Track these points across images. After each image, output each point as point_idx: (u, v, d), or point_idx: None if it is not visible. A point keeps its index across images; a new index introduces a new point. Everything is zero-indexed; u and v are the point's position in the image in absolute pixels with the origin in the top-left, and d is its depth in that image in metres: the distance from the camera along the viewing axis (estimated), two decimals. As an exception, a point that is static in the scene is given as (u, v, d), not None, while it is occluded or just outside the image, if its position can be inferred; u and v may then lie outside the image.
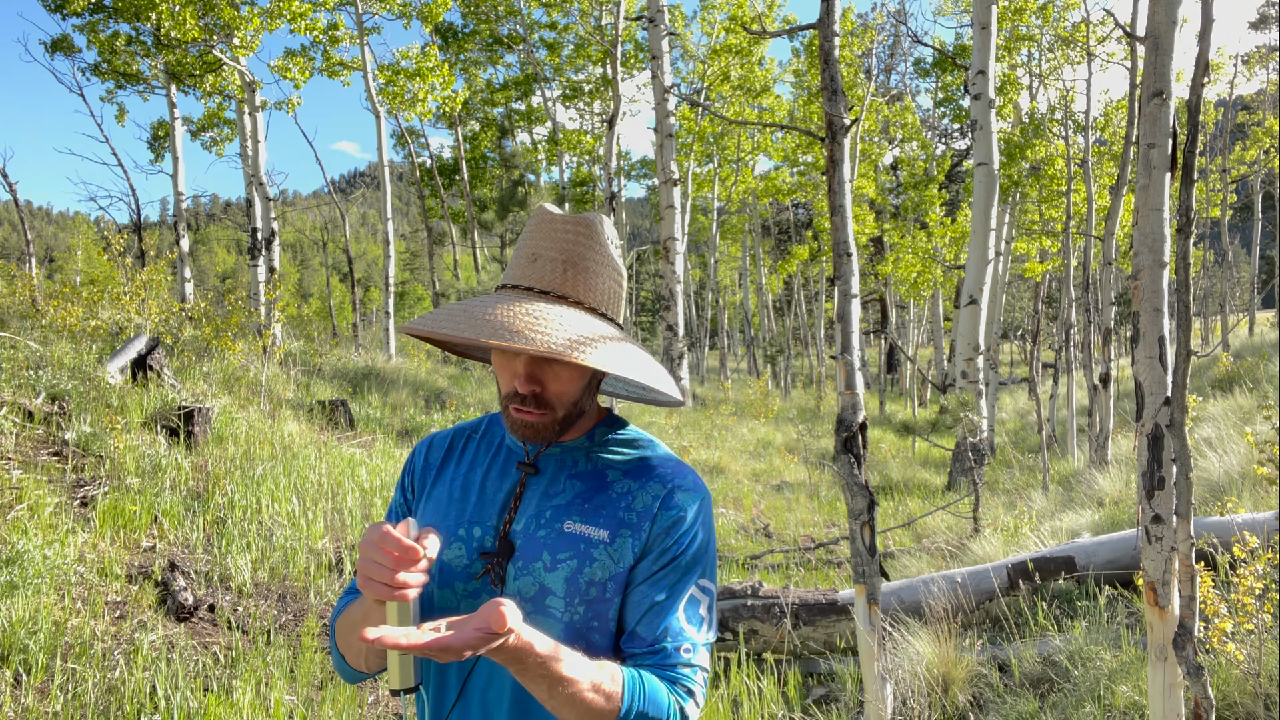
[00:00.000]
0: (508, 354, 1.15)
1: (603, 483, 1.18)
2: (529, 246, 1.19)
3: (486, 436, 1.29)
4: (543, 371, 1.14)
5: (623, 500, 1.16)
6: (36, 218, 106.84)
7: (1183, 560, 2.03)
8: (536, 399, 1.14)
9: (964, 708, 3.39)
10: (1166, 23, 2.13)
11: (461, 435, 1.30)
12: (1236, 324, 11.49)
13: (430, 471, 1.27)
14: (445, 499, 1.21)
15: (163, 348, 7.14)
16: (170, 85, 14.48)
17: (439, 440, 1.30)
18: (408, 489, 1.28)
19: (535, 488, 1.18)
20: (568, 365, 1.14)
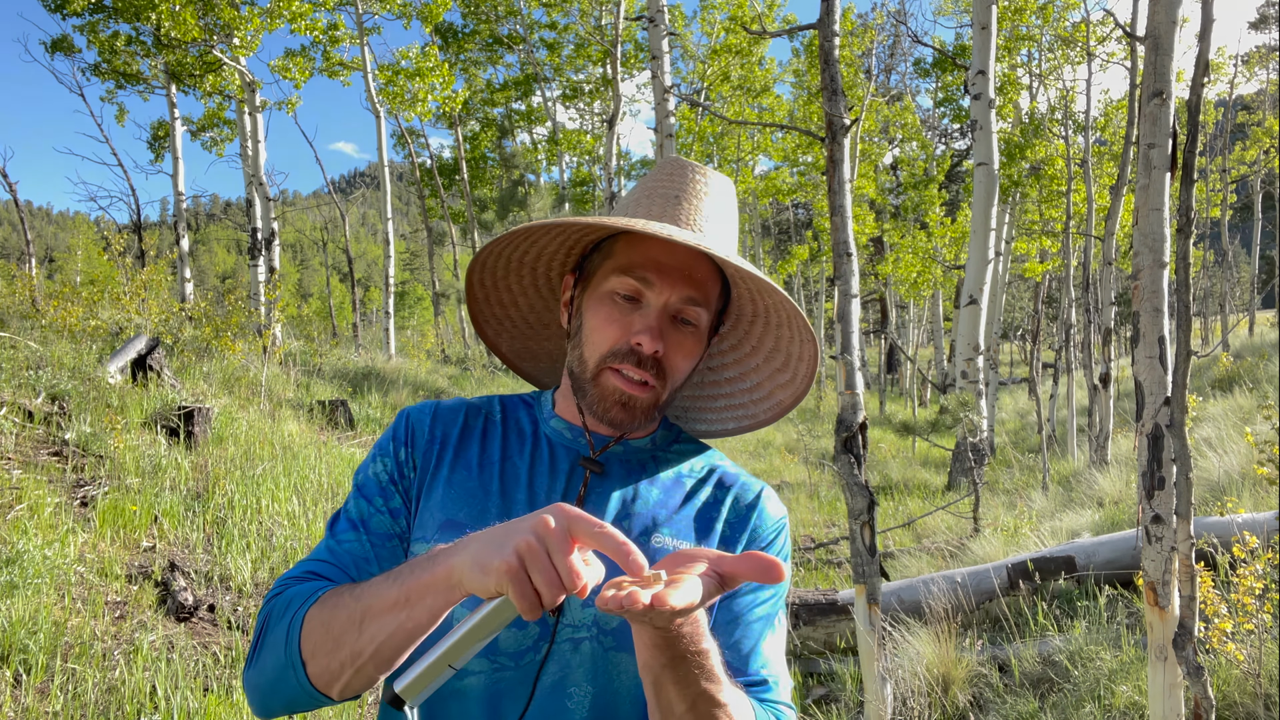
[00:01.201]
0: (634, 296, 0.96)
1: (683, 490, 1.02)
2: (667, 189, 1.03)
3: (509, 421, 1.05)
4: (674, 329, 0.97)
5: (711, 510, 1.01)
6: (36, 218, 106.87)
7: (1183, 560, 2.03)
8: (657, 364, 0.96)
9: (964, 708, 3.39)
10: (1166, 23, 2.13)
11: (475, 413, 1.05)
12: (1236, 324, 11.50)
13: (438, 447, 1.00)
14: (477, 489, 0.97)
15: (163, 348, 7.14)
16: (170, 85, 14.47)
17: (445, 412, 1.04)
18: (404, 462, 0.99)
19: (600, 491, 0.99)
20: (694, 334, 0.99)
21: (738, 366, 1.16)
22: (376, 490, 0.98)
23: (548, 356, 1.24)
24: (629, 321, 0.96)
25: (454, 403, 1.07)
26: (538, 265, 1.11)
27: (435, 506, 0.96)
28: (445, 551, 0.74)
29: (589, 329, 0.98)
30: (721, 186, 1.04)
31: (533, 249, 1.07)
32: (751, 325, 1.12)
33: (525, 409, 1.08)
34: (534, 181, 26.47)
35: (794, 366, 1.10)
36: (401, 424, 1.03)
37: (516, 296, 1.15)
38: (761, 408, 1.15)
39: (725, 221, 1.04)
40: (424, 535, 0.94)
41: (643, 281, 0.95)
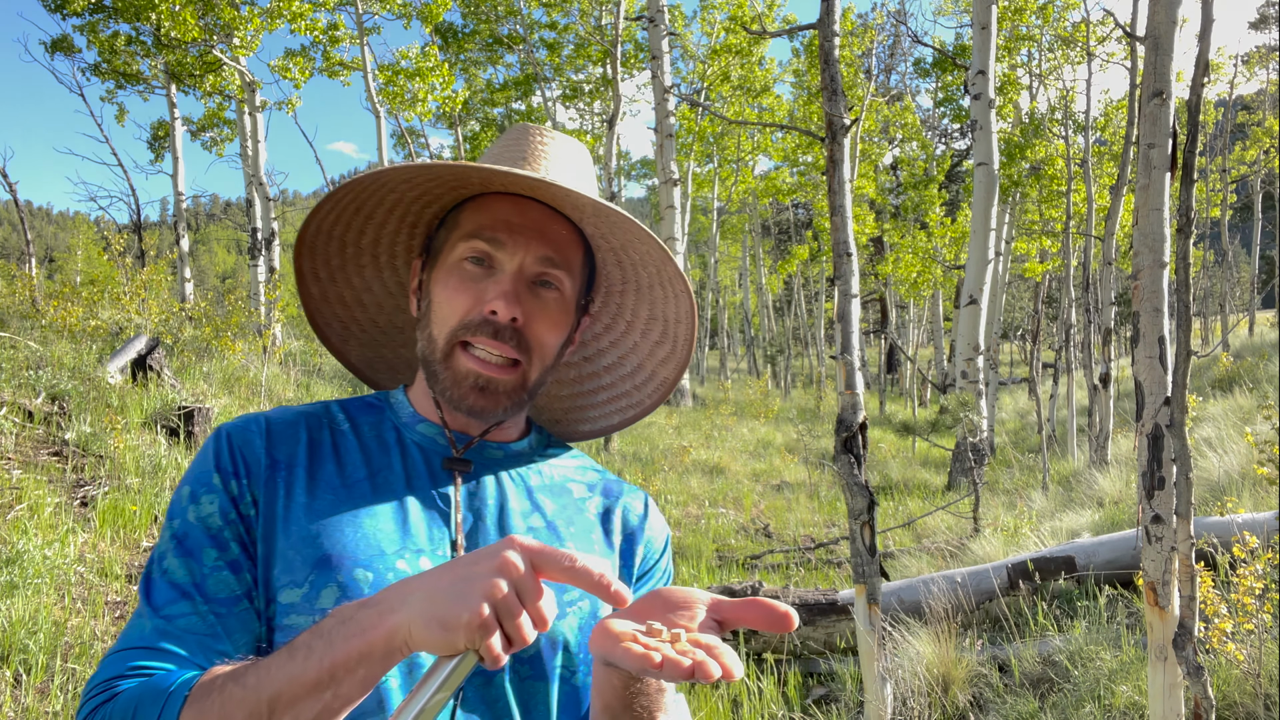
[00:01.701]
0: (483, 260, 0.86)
1: (573, 499, 0.94)
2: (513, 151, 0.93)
3: (361, 430, 0.89)
4: (533, 296, 0.87)
5: (606, 521, 0.94)
6: (36, 218, 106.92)
7: (1183, 560, 2.03)
8: (517, 336, 0.85)
9: (964, 708, 3.39)
10: (1166, 23, 2.13)
11: (317, 424, 0.88)
12: (1236, 324, 11.51)
13: (284, 472, 0.83)
14: (349, 516, 0.81)
15: (163, 348, 7.14)
16: (170, 85, 14.48)
17: (280, 428, 0.86)
18: (239, 497, 0.80)
19: (480, 499, 0.87)
20: (558, 301, 0.89)
21: (615, 350, 1.06)
22: (207, 540, 0.78)
23: (405, 364, 1.09)
24: (481, 289, 0.85)
25: (284, 414, 0.88)
26: (379, 250, 0.98)
27: (299, 543, 0.78)
28: (368, 609, 0.63)
29: (437, 304, 0.87)
30: (572, 146, 0.95)
31: (369, 227, 0.94)
32: (623, 296, 1.02)
33: (373, 412, 0.93)
34: (534, 181, 26.47)
35: (673, 333, 1.01)
36: (223, 449, 0.82)
37: (360, 294, 1.01)
38: (646, 392, 1.06)
39: (583, 179, 0.94)
40: (293, 580, 0.77)
41: (492, 243, 0.86)
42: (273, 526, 0.80)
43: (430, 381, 0.88)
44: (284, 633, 0.76)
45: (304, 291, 0.98)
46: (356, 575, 0.77)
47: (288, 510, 0.80)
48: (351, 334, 1.04)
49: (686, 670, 0.57)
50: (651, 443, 10.06)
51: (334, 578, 0.76)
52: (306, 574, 0.77)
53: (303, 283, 0.97)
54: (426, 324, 0.88)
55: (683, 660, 0.58)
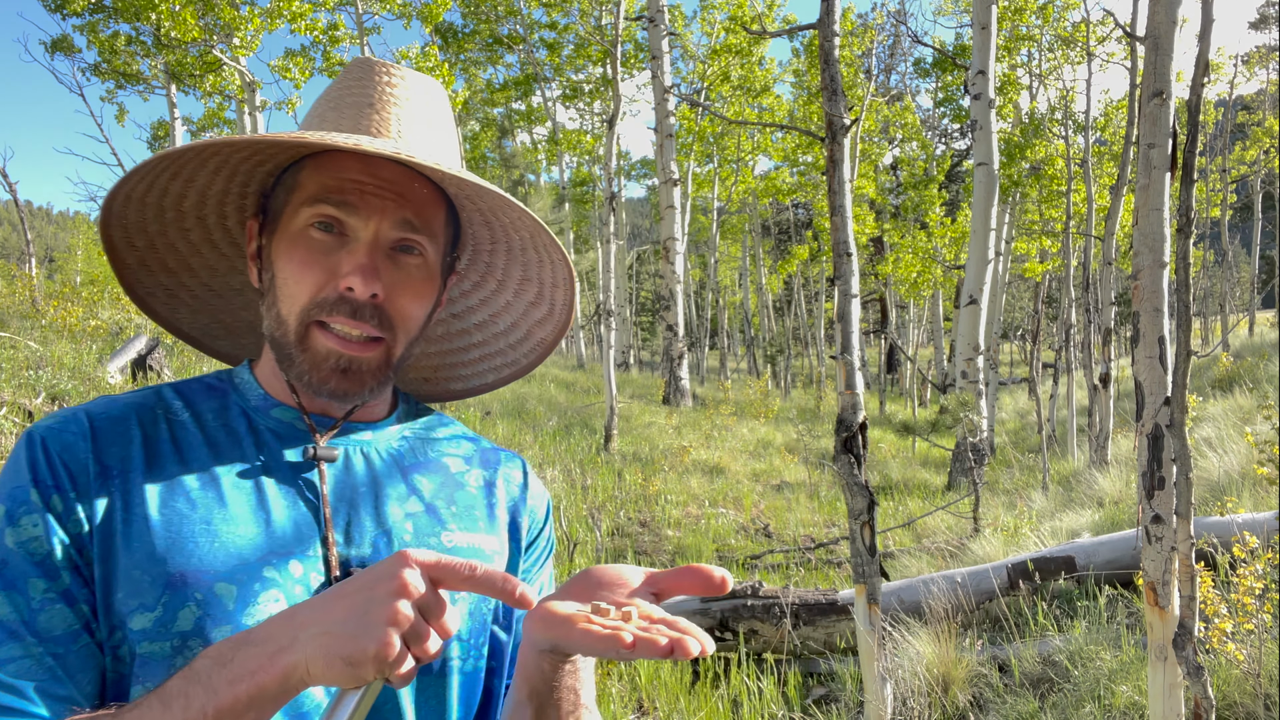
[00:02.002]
0: (332, 226, 0.76)
1: (451, 475, 0.86)
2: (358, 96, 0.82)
3: (202, 417, 0.78)
4: (393, 266, 0.78)
5: (489, 494, 0.88)
6: (36, 218, 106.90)
7: (1183, 560, 2.03)
8: (379, 312, 0.77)
9: (964, 708, 3.39)
10: (1166, 23, 2.13)
11: (151, 417, 0.76)
12: (1236, 324, 11.51)
13: (118, 480, 0.71)
14: (201, 523, 0.71)
15: (163, 348, 7.14)
16: (170, 85, 14.48)
17: (106, 425, 0.73)
18: (64, 515, 0.68)
19: (351, 489, 0.79)
20: (421, 269, 0.80)
21: (486, 308, 0.99)
22: (32, 569, 0.66)
23: (248, 328, 0.99)
24: (333, 262, 0.76)
25: (109, 407, 0.76)
26: (205, 213, 0.86)
27: (145, 560, 0.68)
28: (251, 648, 0.58)
29: (283, 279, 0.77)
30: (426, 87, 0.85)
31: (190, 192, 0.82)
32: (492, 255, 0.95)
33: (215, 396, 0.81)
34: (534, 181, 26.49)
35: (549, 296, 0.95)
36: (39, 458, 0.70)
37: (187, 258, 0.89)
38: (521, 351, 1.00)
39: (438, 129, 0.84)
40: (143, 603, 0.67)
41: (343, 207, 0.76)
42: (111, 544, 0.68)
43: (283, 365, 0.79)
44: (142, 662, 0.67)
45: (117, 261, 0.86)
46: (217, 590, 0.68)
47: (127, 524, 0.69)
48: (181, 301, 0.93)
49: (664, 648, 0.56)
50: (651, 443, 10.06)
51: (191, 596, 0.68)
52: (158, 595, 0.67)
53: (114, 253, 0.85)
54: (273, 301, 0.78)
55: (658, 639, 0.56)
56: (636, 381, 18.16)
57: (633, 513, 7.06)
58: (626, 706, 3.56)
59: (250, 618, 0.68)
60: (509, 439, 9.21)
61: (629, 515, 6.98)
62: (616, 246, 22.68)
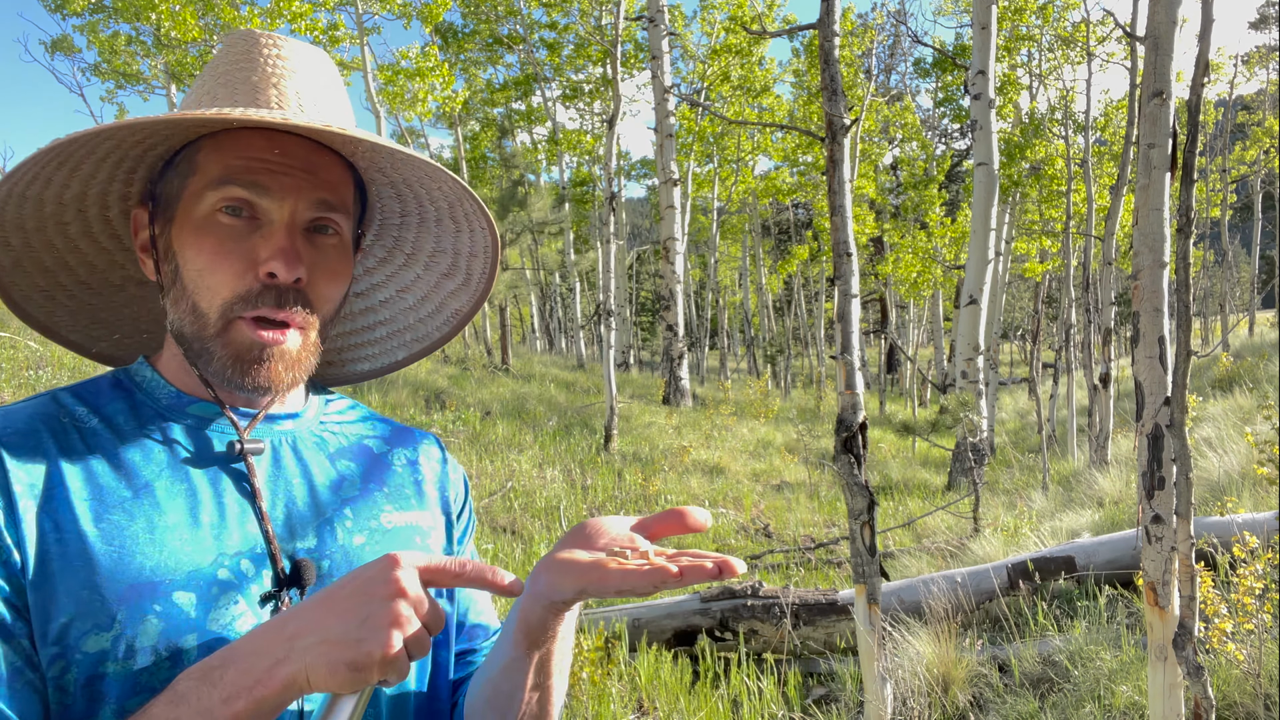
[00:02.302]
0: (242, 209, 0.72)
1: (376, 457, 0.85)
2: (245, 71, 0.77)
3: (112, 422, 0.73)
4: (311, 248, 0.75)
5: (411, 472, 0.87)
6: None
7: (1183, 560, 2.03)
8: (301, 296, 0.74)
9: (964, 708, 3.39)
10: (1166, 23, 2.13)
11: (60, 428, 0.71)
12: (1236, 324, 11.51)
13: (43, 499, 0.66)
14: (143, 532, 0.67)
15: (163, 348, 7.15)
16: (170, 85, 14.48)
17: (13, 440, 0.68)
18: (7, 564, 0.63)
19: (283, 481, 0.77)
20: (338, 249, 0.77)
21: (393, 284, 0.95)
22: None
23: (130, 324, 0.92)
24: (249, 247, 0.72)
25: (10, 422, 0.70)
26: (86, 205, 0.80)
27: (90, 581, 0.64)
28: (245, 662, 0.58)
29: (194, 270, 0.72)
30: (315, 56, 0.80)
31: (74, 181, 0.76)
32: (401, 229, 0.92)
33: (119, 397, 0.75)
34: (534, 181, 26.48)
35: (466, 266, 0.92)
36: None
37: (64, 255, 0.82)
38: (433, 324, 0.96)
39: (337, 99, 0.81)
40: (96, 624, 0.64)
41: (252, 188, 0.72)
42: (47, 569, 0.64)
43: (196, 359, 0.74)
44: (110, 682, 0.63)
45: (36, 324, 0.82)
46: (176, 599, 0.66)
47: (62, 544, 0.64)
48: (58, 302, 0.86)
49: (712, 571, 0.59)
50: (651, 443, 10.06)
51: (150, 608, 0.65)
52: (112, 612, 0.64)
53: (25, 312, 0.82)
54: (182, 294, 0.73)
55: (704, 563, 0.59)
56: (636, 381, 18.16)
57: (633, 513, 7.06)
58: (626, 706, 3.56)
59: (215, 622, 0.67)
60: (509, 439, 9.21)
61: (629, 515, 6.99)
62: (616, 246, 22.68)
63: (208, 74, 0.79)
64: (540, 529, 6.27)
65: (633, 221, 45.93)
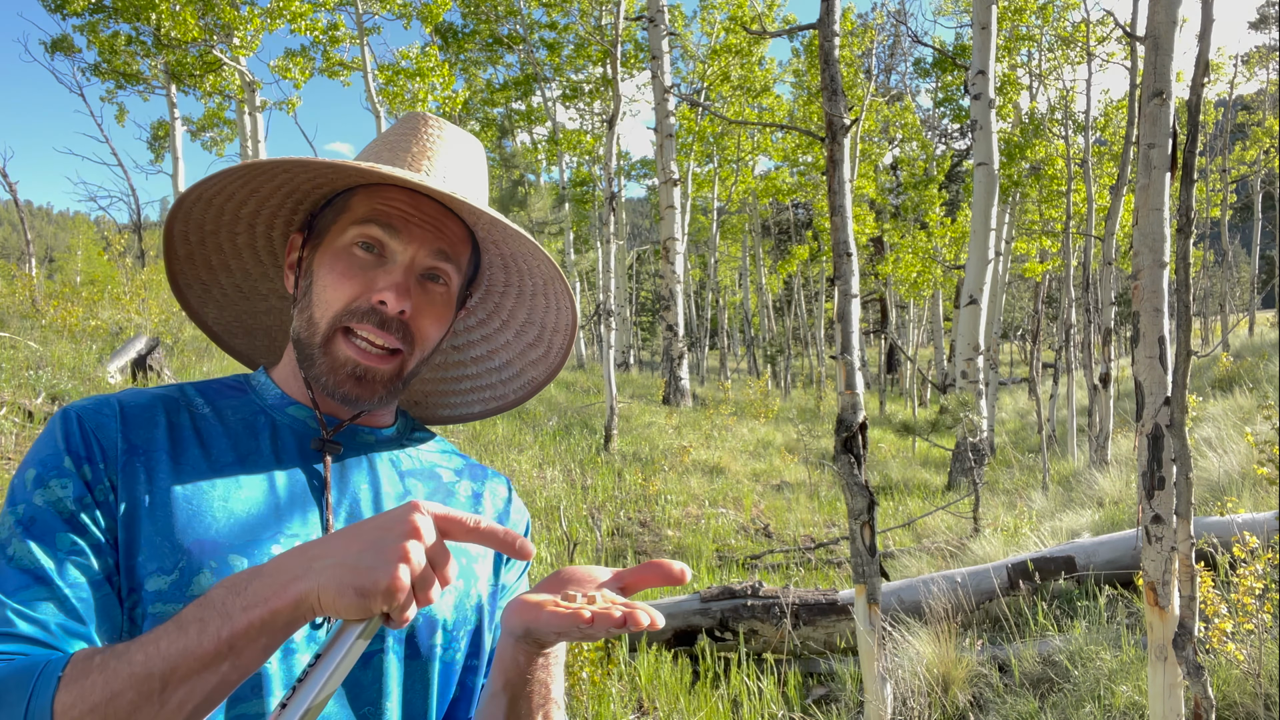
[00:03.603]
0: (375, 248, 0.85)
1: (443, 484, 0.94)
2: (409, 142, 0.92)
3: (222, 412, 0.86)
4: (421, 290, 0.87)
5: (474, 504, 0.95)
6: (36, 218, 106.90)
7: (1183, 560, 2.03)
8: (403, 327, 0.85)
9: (964, 708, 3.39)
10: (1166, 23, 2.13)
11: (175, 408, 0.84)
12: (1236, 324, 11.51)
13: (142, 458, 0.79)
14: (220, 500, 0.79)
15: (163, 348, 7.14)
16: (170, 85, 14.49)
17: (135, 411, 0.81)
18: (94, 482, 0.75)
19: (353, 483, 0.87)
20: (444, 297, 0.89)
21: (485, 344, 1.07)
22: (61, 524, 0.73)
23: (264, 332, 1.07)
24: (371, 277, 0.84)
25: (137, 397, 0.84)
26: (256, 221, 0.95)
27: (166, 529, 0.75)
28: (267, 578, 0.62)
29: (321, 286, 0.85)
30: (466, 141, 0.95)
31: (251, 199, 0.92)
32: (503, 297, 1.03)
33: (236, 394, 0.89)
34: (534, 181, 26.48)
35: (548, 339, 1.04)
36: (74, 431, 0.78)
37: (229, 259, 0.98)
38: (511, 387, 1.08)
39: (474, 176, 0.95)
40: (161, 566, 0.74)
41: (387, 230, 0.85)
42: (135, 513, 0.76)
43: (303, 364, 0.86)
44: (152, 620, 0.72)
45: (170, 251, 0.95)
46: (231, 561, 0.75)
47: (151, 496, 0.77)
48: (211, 297, 1.01)
49: (618, 620, 0.63)
50: (651, 442, 10.06)
51: (206, 563, 0.74)
52: (176, 560, 0.74)
53: (170, 242, 0.94)
54: (307, 305, 0.87)
55: (612, 611, 0.63)
56: (636, 381, 18.16)
57: (633, 513, 7.06)
58: (626, 706, 3.56)
59: None
60: (509, 439, 9.21)
61: (629, 515, 6.98)
62: (616, 246, 22.68)
63: (381, 139, 0.95)
64: (540, 529, 6.27)
65: (633, 221, 45.92)
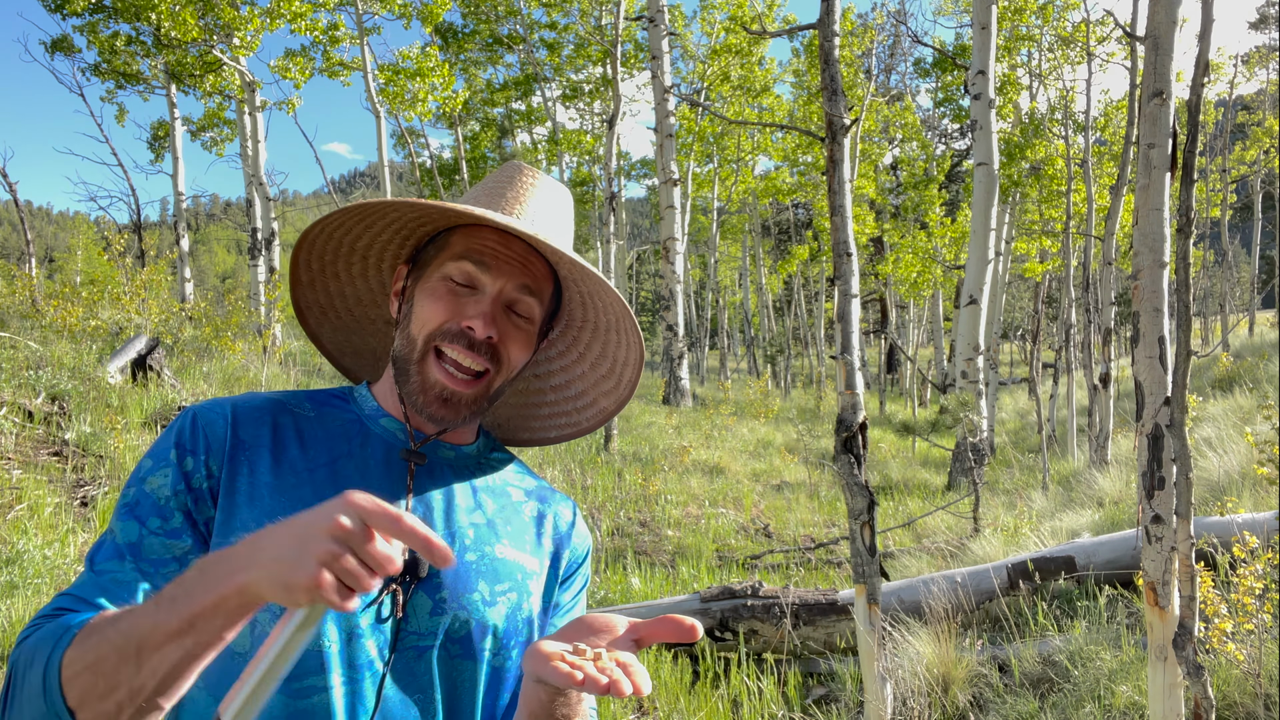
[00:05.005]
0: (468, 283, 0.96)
1: (511, 502, 1.03)
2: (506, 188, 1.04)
3: (327, 419, 0.97)
4: (506, 319, 0.97)
5: (540, 525, 1.03)
6: (36, 218, 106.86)
7: (1183, 560, 2.03)
8: (491, 350, 0.94)
9: (964, 708, 3.39)
10: (1166, 23, 2.13)
11: (283, 411, 0.95)
12: (1236, 324, 11.51)
13: (247, 452, 0.90)
14: (310, 495, 0.88)
15: (163, 348, 7.14)
16: (170, 85, 14.48)
17: (247, 412, 0.93)
18: (191, 472, 0.87)
19: (430, 492, 0.96)
20: (527, 327, 0.99)
21: (564, 374, 1.16)
22: (152, 509, 0.85)
23: (370, 353, 1.19)
24: (462, 305, 0.94)
25: (254, 400, 0.95)
26: (369, 253, 1.06)
27: (261, 516, 0.85)
28: (223, 564, 0.67)
29: (419, 309, 0.95)
30: (555, 189, 1.05)
31: (366, 234, 1.03)
32: (580, 331, 1.13)
33: (339, 404, 1.00)
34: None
35: (619, 373, 1.12)
36: (186, 426, 0.90)
37: (344, 285, 1.10)
38: (585, 415, 1.17)
39: (562, 223, 1.05)
40: None
41: (479, 265, 0.95)
42: (233, 499, 0.87)
43: (399, 379, 0.96)
44: None
45: (295, 277, 1.06)
46: None
47: (252, 485, 0.87)
48: (327, 319, 1.13)
49: (603, 686, 0.69)
50: (651, 443, 10.06)
51: None
52: None
53: (295, 268, 1.05)
54: (406, 325, 0.97)
55: (600, 677, 0.69)
56: (636, 381, 18.12)
57: (632, 513, 7.06)
58: (626, 707, 3.57)
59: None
60: (509, 439, 9.19)
61: (629, 515, 6.98)
62: (616, 246, 22.66)
63: (482, 184, 1.05)
64: (540, 529, 6.27)
65: (633, 221, 45.89)
